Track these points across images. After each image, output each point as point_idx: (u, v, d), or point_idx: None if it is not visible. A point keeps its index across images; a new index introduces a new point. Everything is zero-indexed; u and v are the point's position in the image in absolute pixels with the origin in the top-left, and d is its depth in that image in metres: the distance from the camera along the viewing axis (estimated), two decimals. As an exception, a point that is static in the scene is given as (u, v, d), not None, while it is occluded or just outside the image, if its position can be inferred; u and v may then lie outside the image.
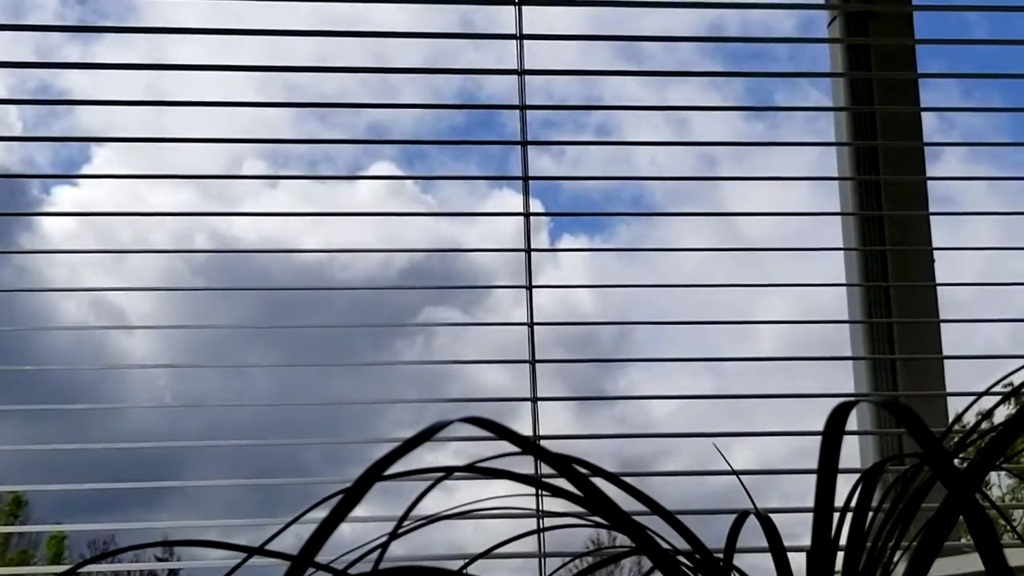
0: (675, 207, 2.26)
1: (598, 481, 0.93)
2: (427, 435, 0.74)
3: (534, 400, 1.95)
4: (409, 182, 2.28)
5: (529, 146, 2.04)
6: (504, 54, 2.13)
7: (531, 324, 1.98)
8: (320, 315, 2.06)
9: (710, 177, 2.24)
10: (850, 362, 2.12)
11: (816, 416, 2.08)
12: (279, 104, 2.12)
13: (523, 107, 2.05)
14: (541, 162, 2.11)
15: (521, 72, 2.06)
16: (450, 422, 0.79)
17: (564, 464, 0.85)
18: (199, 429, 2.02)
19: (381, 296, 2.10)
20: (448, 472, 0.86)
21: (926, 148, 2.14)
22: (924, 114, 2.15)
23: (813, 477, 0.90)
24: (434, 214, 2.18)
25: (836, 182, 2.20)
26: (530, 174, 2.02)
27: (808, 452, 2.09)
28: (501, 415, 2.09)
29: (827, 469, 0.88)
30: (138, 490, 1.90)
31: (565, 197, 2.24)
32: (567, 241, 2.24)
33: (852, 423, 2.11)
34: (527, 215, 2.02)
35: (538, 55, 2.08)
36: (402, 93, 2.26)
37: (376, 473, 0.72)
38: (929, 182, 2.14)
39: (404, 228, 2.10)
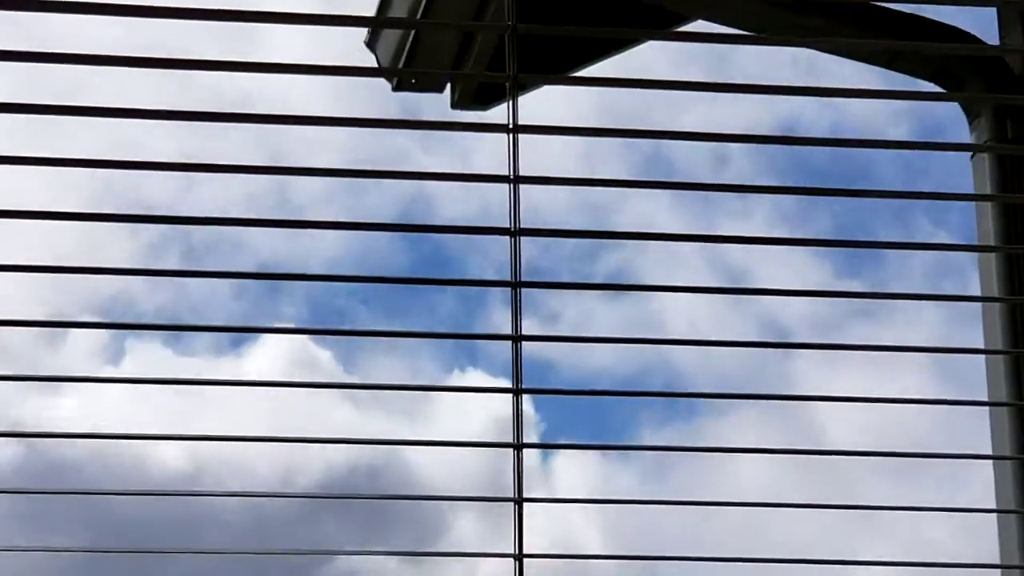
0: (730, 403, 1.83)
1: None
2: None
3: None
4: (325, 356, 1.85)
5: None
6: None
7: (518, 391, 1.68)
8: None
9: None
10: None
11: None
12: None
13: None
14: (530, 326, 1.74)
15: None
16: None
17: None
18: None
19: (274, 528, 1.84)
20: None
21: None
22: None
23: None
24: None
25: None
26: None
27: None
28: None
29: None
30: None
31: (562, 379, 1.80)
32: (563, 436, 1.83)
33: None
34: (514, 225, 1.72)
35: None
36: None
37: None
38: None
39: (318, 417, 1.81)
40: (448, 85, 1.98)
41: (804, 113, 1.96)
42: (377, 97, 1.89)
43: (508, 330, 1.76)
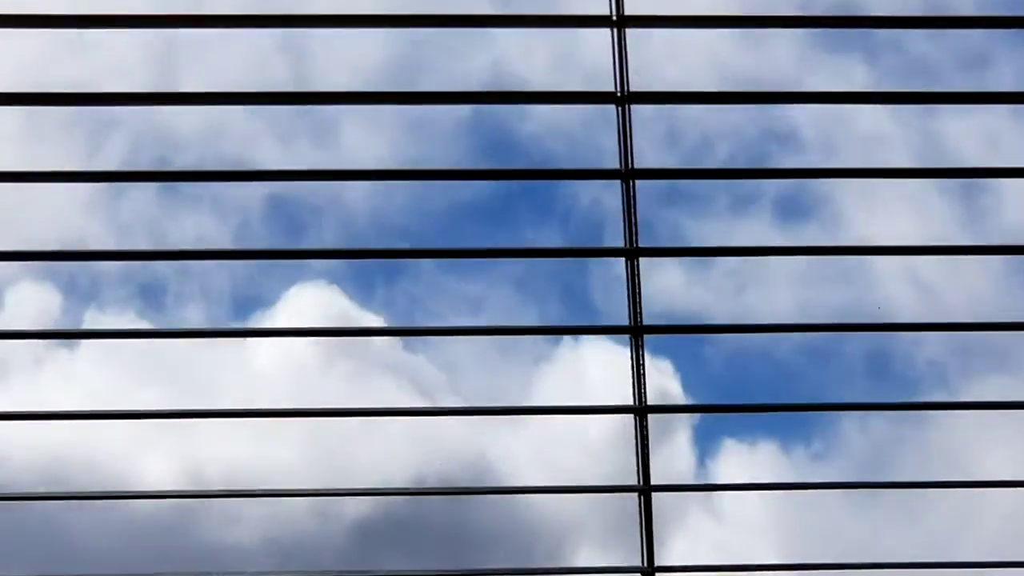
0: (970, 379, 1.30)
1: None
2: None
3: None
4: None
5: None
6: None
7: (637, 329, 1.36)
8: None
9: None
10: None
11: None
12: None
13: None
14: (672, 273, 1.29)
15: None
16: None
17: None
18: None
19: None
20: None
21: None
22: None
23: None
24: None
25: None
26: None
27: None
28: None
29: None
30: None
31: (721, 351, 1.36)
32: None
33: None
34: (622, 91, 1.37)
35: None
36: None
37: None
38: None
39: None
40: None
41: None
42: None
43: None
